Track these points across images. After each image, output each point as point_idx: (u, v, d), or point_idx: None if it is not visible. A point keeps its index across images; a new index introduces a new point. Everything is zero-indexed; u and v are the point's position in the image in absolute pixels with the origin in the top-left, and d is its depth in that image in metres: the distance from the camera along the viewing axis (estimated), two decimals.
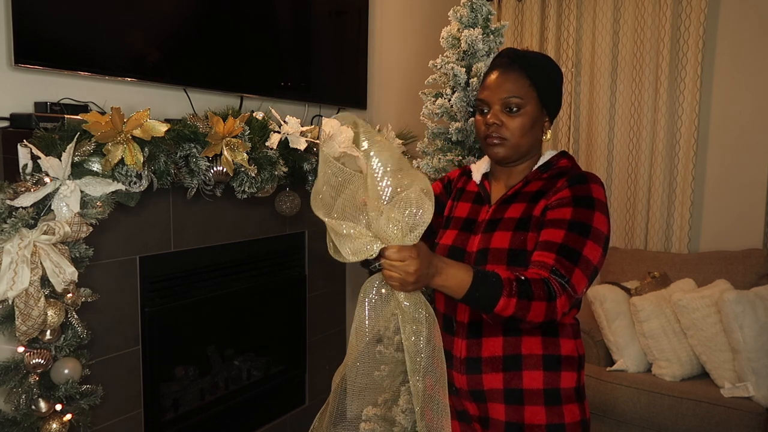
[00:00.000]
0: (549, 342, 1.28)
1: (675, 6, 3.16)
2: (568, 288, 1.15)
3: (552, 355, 1.28)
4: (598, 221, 1.22)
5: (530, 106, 1.30)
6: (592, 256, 1.20)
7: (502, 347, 1.28)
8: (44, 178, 1.51)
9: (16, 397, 1.53)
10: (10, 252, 1.43)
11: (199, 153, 1.80)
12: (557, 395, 1.27)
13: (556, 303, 1.14)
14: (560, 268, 1.17)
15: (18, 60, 1.62)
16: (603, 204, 1.25)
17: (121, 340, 1.97)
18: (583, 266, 1.18)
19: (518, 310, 1.12)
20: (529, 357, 1.27)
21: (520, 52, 1.35)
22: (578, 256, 1.18)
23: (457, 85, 1.86)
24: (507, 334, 1.28)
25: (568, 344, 1.30)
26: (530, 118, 1.31)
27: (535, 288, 1.13)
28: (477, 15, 1.87)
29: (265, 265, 2.54)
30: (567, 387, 1.28)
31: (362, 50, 2.87)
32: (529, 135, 1.32)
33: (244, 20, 2.25)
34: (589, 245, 1.20)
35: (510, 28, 3.69)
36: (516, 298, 1.11)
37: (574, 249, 1.19)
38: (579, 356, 1.32)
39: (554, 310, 1.14)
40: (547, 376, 1.27)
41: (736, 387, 2.45)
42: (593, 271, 1.21)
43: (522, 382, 1.27)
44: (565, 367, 1.29)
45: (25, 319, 1.47)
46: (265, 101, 2.39)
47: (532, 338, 1.27)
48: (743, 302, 2.46)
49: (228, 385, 2.54)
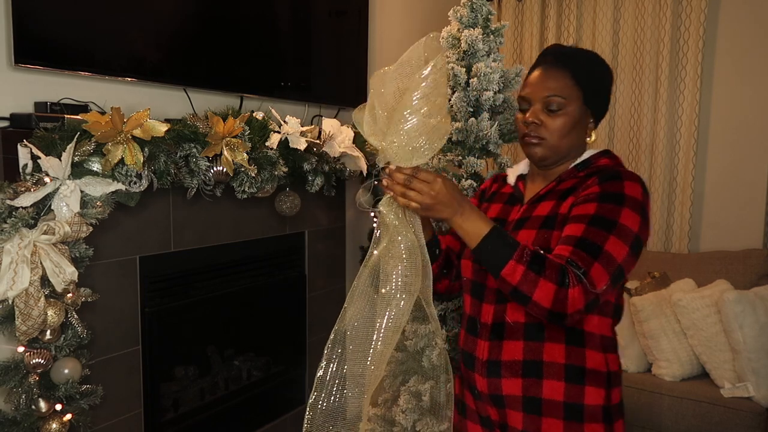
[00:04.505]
0: (573, 351, 1.19)
1: (675, 6, 3.16)
2: (584, 280, 1.07)
3: (575, 366, 1.19)
4: (627, 217, 1.13)
5: (573, 106, 1.23)
6: (616, 252, 1.11)
7: (522, 351, 1.21)
8: (44, 178, 1.51)
9: (16, 397, 1.53)
10: (10, 252, 1.43)
11: (199, 153, 1.80)
12: (579, 411, 1.19)
13: (568, 292, 1.06)
14: (577, 260, 1.09)
15: (18, 60, 1.62)
16: (637, 202, 1.15)
17: (121, 340, 1.97)
18: (603, 261, 1.10)
19: (524, 282, 1.07)
20: (551, 365, 1.19)
21: (566, 49, 1.29)
22: (598, 249, 1.10)
23: (457, 85, 1.86)
24: (528, 338, 1.21)
25: (595, 357, 1.20)
26: (572, 118, 1.23)
27: (549, 267, 1.08)
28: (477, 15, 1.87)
29: (265, 265, 2.54)
30: (592, 404, 1.19)
31: (362, 50, 2.87)
32: (569, 136, 1.24)
33: (244, 20, 2.25)
34: (612, 240, 1.11)
35: (510, 28, 3.69)
36: (525, 267, 1.07)
37: (594, 242, 1.11)
38: (609, 372, 1.22)
39: (564, 300, 1.07)
40: (569, 389, 1.19)
41: (736, 387, 2.45)
42: (617, 270, 1.11)
43: (541, 391, 1.20)
44: (590, 382, 1.19)
45: (25, 319, 1.47)
46: (265, 101, 2.39)
47: (555, 345, 1.20)
48: (743, 302, 2.46)
49: (228, 385, 2.54)
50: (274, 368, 2.72)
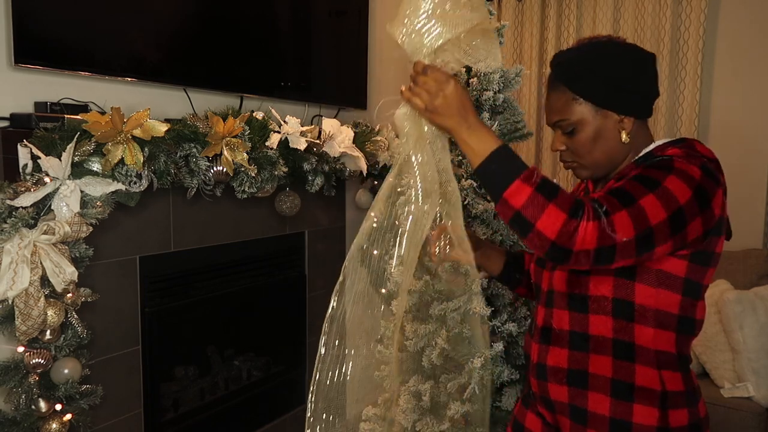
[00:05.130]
0: (620, 366, 1.09)
1: (675, 6, 3.16)
2: (603, 218, 0.94)
3: (622, 381, 1.09)
4: (673, 183, 0.99)
5: (583, 120, 1.11)
6: (651, 211, 0.96)
7: (567, 359, 1.14)
8: (44, 178, 1.51)
9: (16, 397, 1.53)
10: (10, 252, 1.43)
11: (199, 153, 1.80)
12: (627, 429, 1.09)
13: (580, 224, 0.93)
14: (603, 201, 0.97)
15: (18, 60, 1.62)
16: (690, 177, 1.00)
17: (121, 340, 1.97)
18: (634, 213, 0.96)
19: (529, 205, 0.94)
20: (596, 377, 1.11)
21: (561, 57, 1.15)
22: (631, 200, 0.97)
23: None
24: (573, 348, 1.13)
25: (647, 373, 1.08)
26: (590, 132, 1.12)
27: (561, 195, 0.95)
28: None
29: (265, 265, 2.54)
30: (643, 424, 1.08)
31: (362, 50, 2.87)
32: (599, 148, 1.13)
33: (244, 20, 2.25)
34: (650, 198, 0.97)
35: (510, 28, 3.68)
36: (533, 189, 0.95)
37: (629, 193, 0.98)
38: (666, 392, 1.09)
39: (573, 233, 0.93)
40: (615, 405, 1.09)
41: (736, 387, 2.45)
42: (646, 232, 0.96)
43: (587, 402, 1.12)
44: (639, 400, 1.08)
45: (25, 319, 1.47)
46: (265, 101, 2.39)
47: (601, 357, 1.10)
48: (743, 302, 2.46)
49: (228, 385, 2.54)
50: (274, 368, 2.72)
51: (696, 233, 1.01)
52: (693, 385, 1.13)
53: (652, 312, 1.07)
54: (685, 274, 1.05)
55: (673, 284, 1.06)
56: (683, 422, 1.09)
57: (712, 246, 1.06)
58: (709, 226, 1.02)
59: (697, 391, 1.14)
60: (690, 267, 1.06)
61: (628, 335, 1.08)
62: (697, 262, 1.06)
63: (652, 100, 1.15)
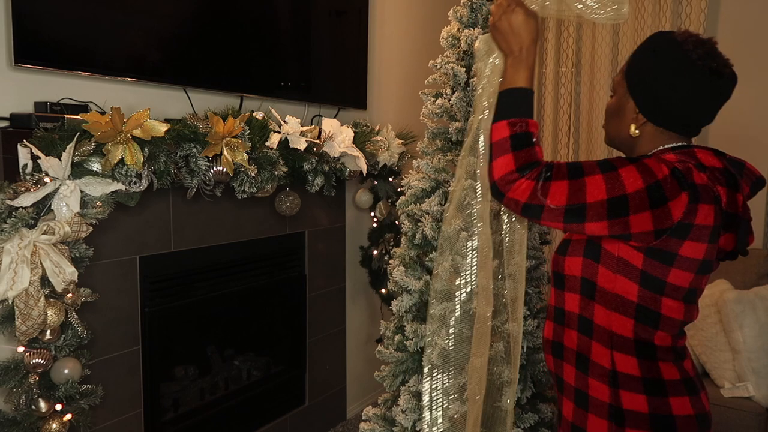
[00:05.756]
0: (582, 340, 1.18)
1: (675, 6, 3.16)
2: (540, 182, 1.06)
3: (583, 354, 1.18)
4: (628, 173, 1.05)
5: (618, 92, 1.23)
6: (592, 190, 1.05)
7: (552, 332, 1.25)
8: (44, 178, 1.51)
9: (16, 397, 1.53)
10: (10, 252, 1.43)
11: (199, 153, 1.80)
12: (586, 400, 1.18)
13: (519, 178, 1.08)
14: (554, 167, 1.08)
15: (18, 60, 1.62)
16: (649, 172, 1.05)
17: (121, 340, 1.97)
18: (574, 185, 1.06)
19: (498, 144, 1.11)
20: (567, 350, 1.21)
21: (655, 36, 1.20)
22: (580, 173, 1.07)
23: (457, 85, 1.86)
24: (556, 322, 1.24)
25: (600, 350, 1.15)
26: (615, 104, 1.23)
27: (526, 152, 1.09)
28: (477, 15, 1.87)
29: (265, 265, 2.54)
30: (596, 397, 1.16)
31: (362, 50, 2.87)
32: (613, 121, 1.24)
33: (244, 20, 2.25)
34: (596, 178, 1.05)
35: None
36: (509, 134, 1.10)
37: (582, 168, 1.08)
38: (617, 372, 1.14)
39: (510, 184, 1.08)
40: (577, 376, 1.19)
41: (736, 387, 2.45)
42: (579, 207, 1.05)
43: (563, 372, 1.22)
44: (593, 374, 1.16)
45: (25, 319, 1.47)
46: (265, 101, 2.39)
47: (571, 331, 1.19)
48: (743, 302, 2.46)
49: (228, 385, 2.54)
50: (274, 368, 2.72)
51: (643, 227, 1.05)
52: (659, 377, 1.13)
53: (611, 295, 1.13)
54: (641, 266, 1.09)
55: (630, 273, 1.10)
56: (640, 408, 1.11)
57: (673, 247, 1.07)
58: (661, 226, 1.05)
59: (678, 385, 1.14)
60: (646, 261, 1.09)
61: (589, 313, 1.16)
62: (656, 258, 1.08)
63: (681, 118, 1.16)
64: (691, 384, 1.16)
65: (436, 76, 1.93)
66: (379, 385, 2.01)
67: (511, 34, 1.15)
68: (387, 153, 2.69)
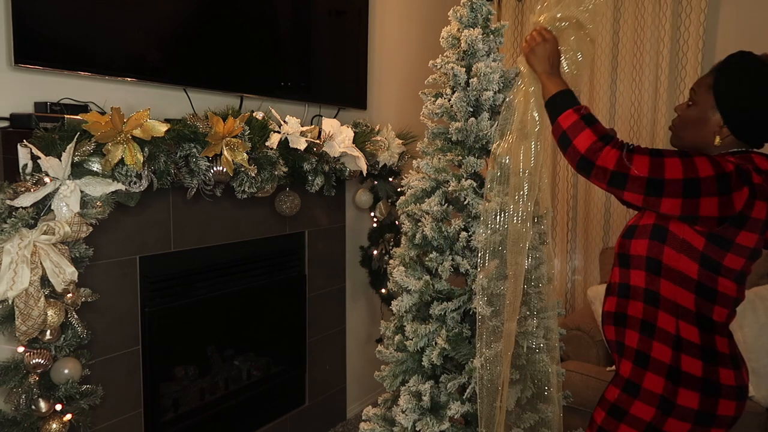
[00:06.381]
0: (648, 310, 1.33)
1: (675, 6, 3.16)
2: (624, 151, 1.24)
3: (648, 322, 1.33)
4: (701, 162, 1.21)
5: (701, 104, 1.32)
6: (670, 168, 1.21)
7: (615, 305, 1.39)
8: (44, 178, 1.51)
9: (16, 397, 1.53)
10: (10, 252, 1.44)
11: (199, 153, 1.80)
12: (646, 360, 1.33)
13: (605, 147, 1.25)
14: (636, 147, 1.25)
15: (18, 60, 1.62)
16: (718, 164, 1.21)
17: (121, 340, 1.97)
18: (655, 161, 1.22)
19: (573, 127, 1.31)
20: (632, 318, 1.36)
21: (734, 57, 1.32)
22: (659, 154, 1.23)
23: (457, 85, 1.86)
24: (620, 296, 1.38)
25: (666, 318, 1.30)
26: (697, 114, 1.33)
27: (599, 126, 1.29)
28: (477, 15, 1.87)
29: (265, 265, 2.54)
30: (658, 358, 1.31)
31: (362, 50, 2.87)
32: (690, 130, 1.35)
33: (244, 20, 2.25)
34: (674, 160, 1.22)
35: (510, 28, 3.69)
36: (578, 116, 1.31)
37: (661, 151, 1.24)
38: (681, 337, 1.29)
39: (597, 152, 1.26)
40: (641, 340, 1.34)
41: None
42: (659, 180, 1.21)
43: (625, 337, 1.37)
44: (658, 338, 1.31)
45: (25, 319, 1.47)
46: (265, 101, 2.39)
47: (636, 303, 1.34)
48: (743, 302, 2.46)
49: (228, 385, 2.54)
50: (274, 368, 2.72)
51: (709, 212, 1.20)
52: (714, 348, 1.29)
53: (676, 272, 1.28)
54: (702, 248, 1.24)
55: (692, 254, 1.25)
56: (696, 371, 1.27)
57: (731, 235, 1.22)
58: (725, 213, 1.20)
59: (726, 358, 1.30)
60: (707, 245, 1.24)
61: (655, 286, 1.31)
62: (716, 243, 1.23)
63: (760, 132, 1.30)
64: (736, 359, 1.33)
65: (436, 76, 1.93)
66: (379, 385, 2.01)
67: (540, 57, 1.48)
68: (387, 153, 2.69)
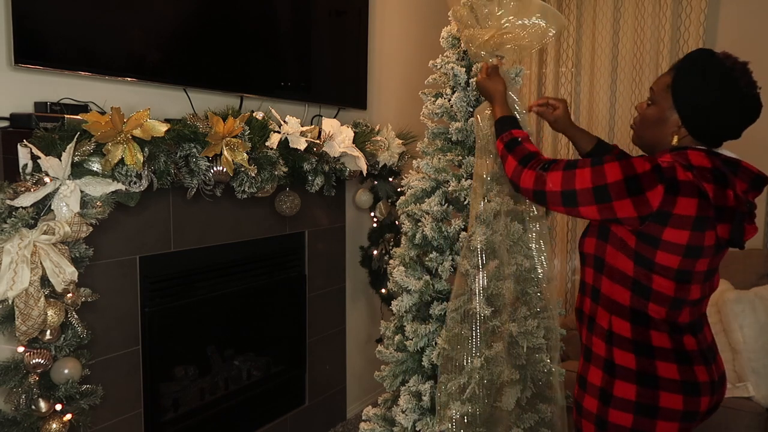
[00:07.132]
0: (592, 306, 1.40)
1: (675, 6, 3.16)
2: (539, 171, 1.37)
3: (591, 317, 1.41)
4: (611, 167, 1.27)
5: (660, 104, 1.35)
6: (580, 179, 1.30)
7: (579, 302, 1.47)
8: (44, 178, 1.51)
9: (16, 397, 1.53)
10: (10, 252, 1.44)
11: (199, 153, 1.80)
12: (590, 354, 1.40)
13: (523, 170, 1.40)
14: (553, 163, 1.36)
15: (18, 60, 1.62)
16: (630, 166, 1.26)
17: (121, 340, 1.97)
18: (567, 174, 1.32)
19: (502, 156, 1.50)
20: (583, 314, 1.45)
21: (696, 54, 1.34)
22: (573, 166, 1.33)
23: (457, 85, 1.86)
24: (581, 293, 1.46)
25: (602, 314, 1.37)
26: (656, 113, 1.36)
27: (519, 150, 1.45)
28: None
29: (265, 265, 2.54)
30: (596, 352, 1.38)
31: (362, 50, 2.87)
32: (649, 130, 1.39)
33: (244, 20, 2.25)
34: (586, 171, 1.30)
35: None
36: (503, 145, 1.51)
37: (576, 162, 1.34)
38: (612, 332, 1.34)
39: (519, 175, 1.41)
40: (587, 335, 1.42)
41: (736, 387, 2.45)
42: (570, 192, 1.30)
43: (582, 337, 1.46)
44: (596, 334, 1.38)
45: (25, 319, 1.47)
46: (265, 101, 2.39)
47: (587, 299, 1.42)
48: (743, 302, 2.46)
49: (228, 385, 2.54)
50: (274, 368, 2.72)
51: (627, 213, 1.25)
52: (648, 342, 1.31)
53: (615, 270, 1.33)
54: (634, 246, 1.28)
55: (627, 251, 1.30)
56: (629, 364, 1.31)
57: (655, 232, 1.24)
58: (643, 212, 1.23)
59: (661, 351, 1.30)
60: (638, 242, 1.28)
61: (597, 283, 1.38)
62: (644, 241, 1.27)
63: (721, 136, 1.33)
64: (685, 355, 1.31)
65: (436, 76, 1.93)
66: (379, 385, 2.01)
67: (488, 88, 1.67)
68: (387, 153, 2.69)
